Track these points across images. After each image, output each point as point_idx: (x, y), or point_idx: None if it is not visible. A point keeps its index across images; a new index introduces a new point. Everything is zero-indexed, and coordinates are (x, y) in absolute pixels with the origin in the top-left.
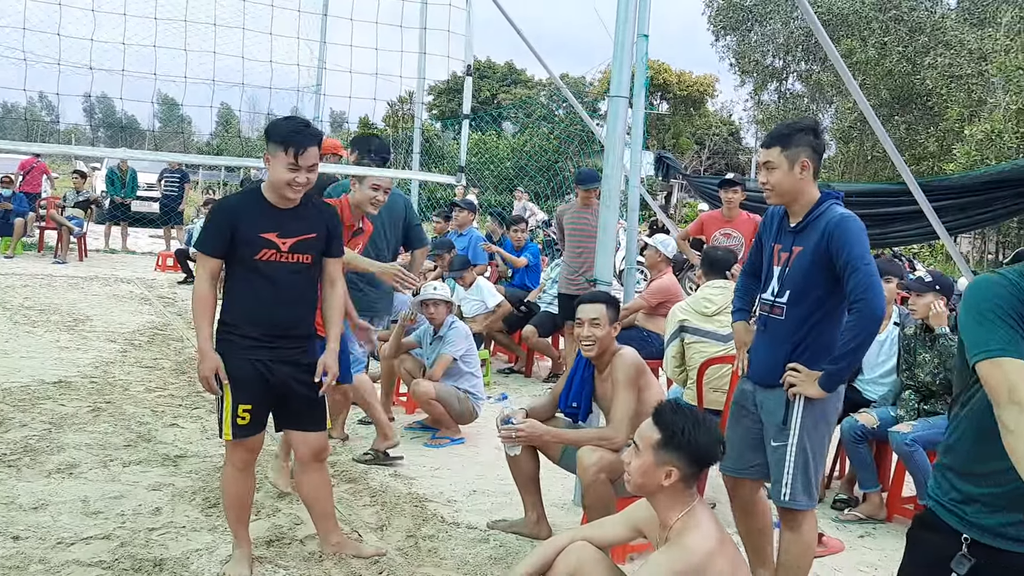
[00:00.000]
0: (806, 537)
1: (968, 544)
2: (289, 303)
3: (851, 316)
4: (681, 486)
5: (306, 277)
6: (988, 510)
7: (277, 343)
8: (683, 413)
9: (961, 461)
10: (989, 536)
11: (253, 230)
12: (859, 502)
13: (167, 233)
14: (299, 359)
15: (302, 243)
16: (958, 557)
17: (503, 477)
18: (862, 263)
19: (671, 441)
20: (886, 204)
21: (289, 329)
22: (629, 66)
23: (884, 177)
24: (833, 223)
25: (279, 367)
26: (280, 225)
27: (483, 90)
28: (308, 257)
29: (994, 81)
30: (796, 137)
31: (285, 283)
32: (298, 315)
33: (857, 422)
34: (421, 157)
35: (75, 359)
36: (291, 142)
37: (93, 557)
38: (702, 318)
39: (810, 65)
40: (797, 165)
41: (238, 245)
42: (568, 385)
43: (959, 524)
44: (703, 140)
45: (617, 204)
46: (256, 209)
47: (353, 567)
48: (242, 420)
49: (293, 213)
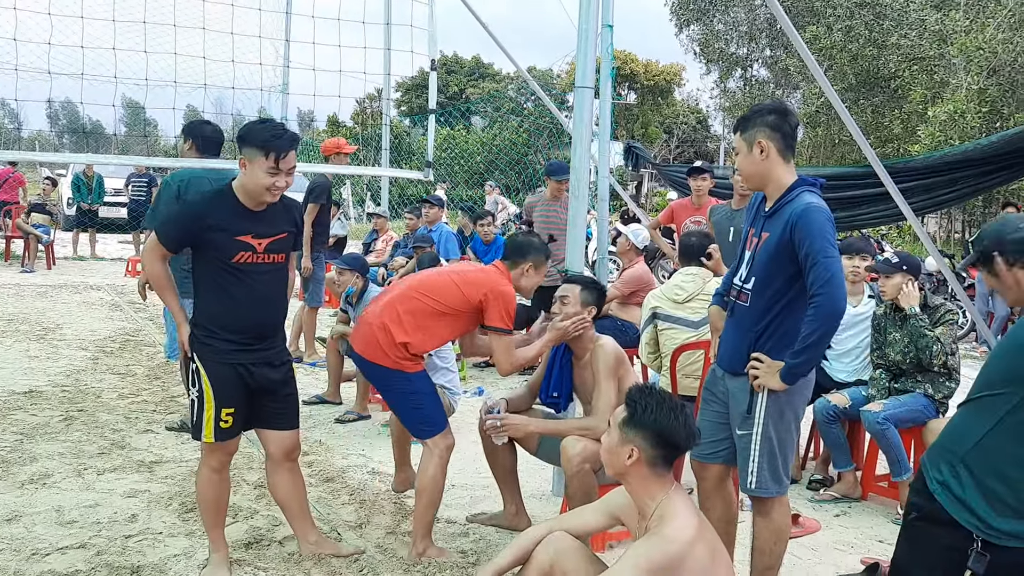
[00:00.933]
0: (777, 523)
1: (980, 542)
2: (266, 303)
3: (810, 310)
4: (647, 470)
5: (278, 277)
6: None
7: (256, 345)
8: (652, 394)
9: (994, 463)
10: (1006, 537)
11: (227, 234)
12: (834, 482)
13: (136, 238)
14: (274, 359)
15: (276, 243)
16: (975, 555)
17: (481, 470)
18: (822, 256)
19: (633, 419)
20: (853, 187)
21: (266, 329)
22: (594, 57)
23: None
24: (796, 213)
25: (259, 369)
26: (254, 226)
27: (451, 85)
28: (281, 256)
29: (955, 62)
30: (753, 119)
31: (261, 284)
32: (274, 314)
33: (829, 402)
34: (391, 154)
35: (45, 368)
36: (272, 147)
37: (70, 567)
38: (674, 305)
39: (775, 52)
40: (755, 147)
41: (209, 248)
42: (547, 375)
43: (973, 523)
44: (671, 129)
45: (587, 195)
46: (229, 211)
47: (333, 566)
48: (225, 424)
49: (265, 213)
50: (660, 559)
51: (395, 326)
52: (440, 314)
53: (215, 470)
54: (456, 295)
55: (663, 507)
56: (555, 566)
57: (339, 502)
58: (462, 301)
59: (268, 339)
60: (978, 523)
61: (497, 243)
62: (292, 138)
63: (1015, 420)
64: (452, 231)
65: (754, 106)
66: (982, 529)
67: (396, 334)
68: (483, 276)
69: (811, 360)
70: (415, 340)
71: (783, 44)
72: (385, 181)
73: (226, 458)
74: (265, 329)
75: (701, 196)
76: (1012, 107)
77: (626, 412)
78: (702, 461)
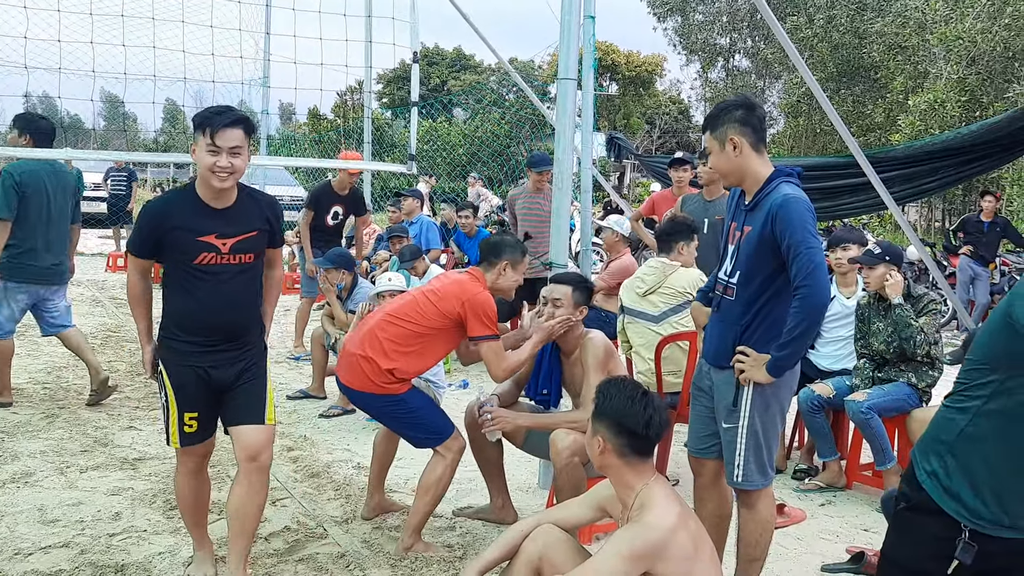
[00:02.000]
0: (763, 514)
1: (968, 531)
2: (233, 306)
3: (794, 302)
4: (618, 460)
5: (249, 277)
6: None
7: (220, 347)
8: (616, 384)
9: (979, 451)
10: (993, 527)
11: (189, 234)
12: (819, 471)
13: (116, 233)
14: (240, 360)
15: (243, 243)
16: (963, 545)
17: (467, 464)
18: (804, 247)
19: (598, 408)
20: (835, 177)
21: (233, 333)
22: (577, 48)
23: (832, 150)
24: (776, 204)
25: (220, 372)
26: (218, 225)
27: (432, 77)
28: (250, 256)
29: (935, 51)
30: (721, 117)
31: (227, 286)
32: (242, 317)
33: (813, 392)
34: (372, 147)
35: (26, 365)
36: (207, 123)
37: (53, 566)
38: (635, 298)
39: (756, 42)
40: (727, 144)
41: (172, 250)
42: (536, 372)
43: (961, 513)
44: (653, 120)
45: (570, 186)
46: (190, 210)
47: (320, 562)
48: (189, 428)
49: (231, 211)
50: (641, 546)
51: (379, 355)
52: (421, 335)
53: (191, 472)
54: (433, 312)
55: (643, 496)
56: (543, 559)
57: (324, 497)
58: (440, 317)
59: (233, 341)
60: (966, 512)
61: (480, 235)
62: (234, 117)
63: (996, 406)
64: (433, 221)
65: (719, 104)
66: (970, 519)
67: (381, 363)
68: (456, 288)
69: (797, 352)
70: (401, 365)
71: (764, 35)
72: (367, 174)
73: (200, 460)
74: (231, 331)
75: (682, 187)
76: (991, 96)
77: (594, 404)
78: (697, 456)
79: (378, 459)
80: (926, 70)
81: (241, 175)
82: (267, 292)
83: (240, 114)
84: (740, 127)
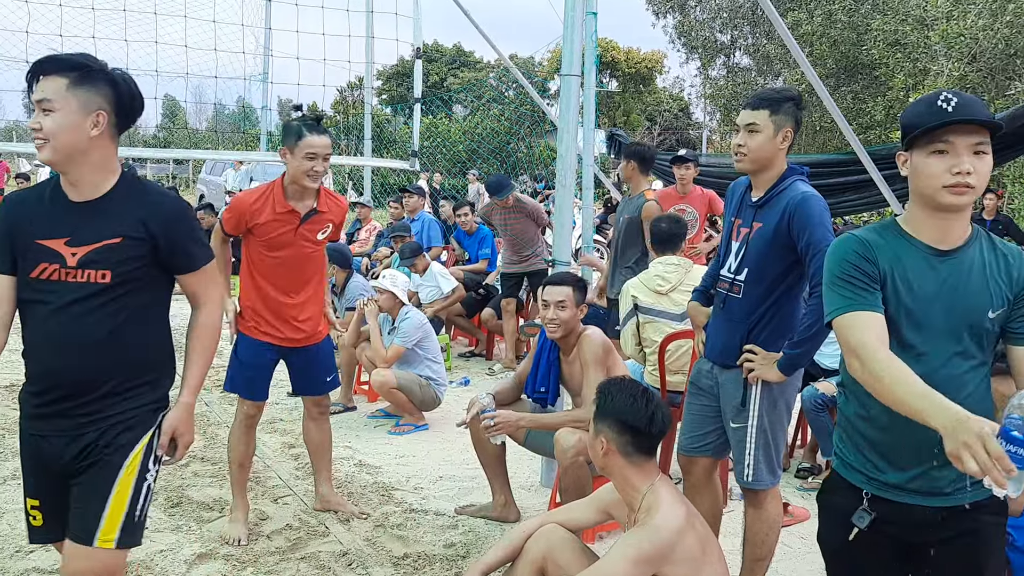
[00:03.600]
0: (770, 514)
1: (868, 499)
2: (71, 347)
3: (812, 300)
4: (622, 460)
5: (107, 307)
6: (887, 463)
7: (53, 408)
8: (617, 383)
9: (849, 413)
10: (891, 491)
11: (30, 235)
12: (822, 470)
13: None
14: (84, 434)
15: (96, 253)
16: (859, 512)
17: (469, 462)
18: (825, 245)
19: (599, 409)
20: (836, 174)
21: (74, 389)
22: (580, 45)
23: (833, 147)
24: (795, 202)
25: (50, 446)
26: (73, 226)
27: (432, 73)
28: (105, 275)
29: (936, 48)
30: (785, 105)
31: (66, 315)
32: (89, 366)
33: (817, 391)
34: (372, 143)
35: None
36: (28, 81)
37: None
38: (655, 296)
39: (757, 38)
40: (781, 133)
41: (18, 258)
42: (534, 370)
43: (859, 479)
44: (654, 116)
45: (572, 183)
46: (42, 204)
47: (321, 560)
48: (34, 520)
49: (95, 207)
50: (648, 549)
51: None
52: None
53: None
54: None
55: (649, 498)
56: (548, 559)
57: None
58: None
59: (74, 401)
60: (862, 478)
61: (480, 232)
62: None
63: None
64: (435, 219)
65: (778, 88)
66: (865, 483)
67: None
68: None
69: (811, 351)
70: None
71: (765, 31)
72: (368, 170)
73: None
74: (71, 387)
75: (686, 184)
76: (992, 93)
77: (595, 405)
78: (689, 455)
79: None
80: (926, 67)
81: (63, 144)
82: (191, 348)
83: (56, 59)
84: (795, 124)
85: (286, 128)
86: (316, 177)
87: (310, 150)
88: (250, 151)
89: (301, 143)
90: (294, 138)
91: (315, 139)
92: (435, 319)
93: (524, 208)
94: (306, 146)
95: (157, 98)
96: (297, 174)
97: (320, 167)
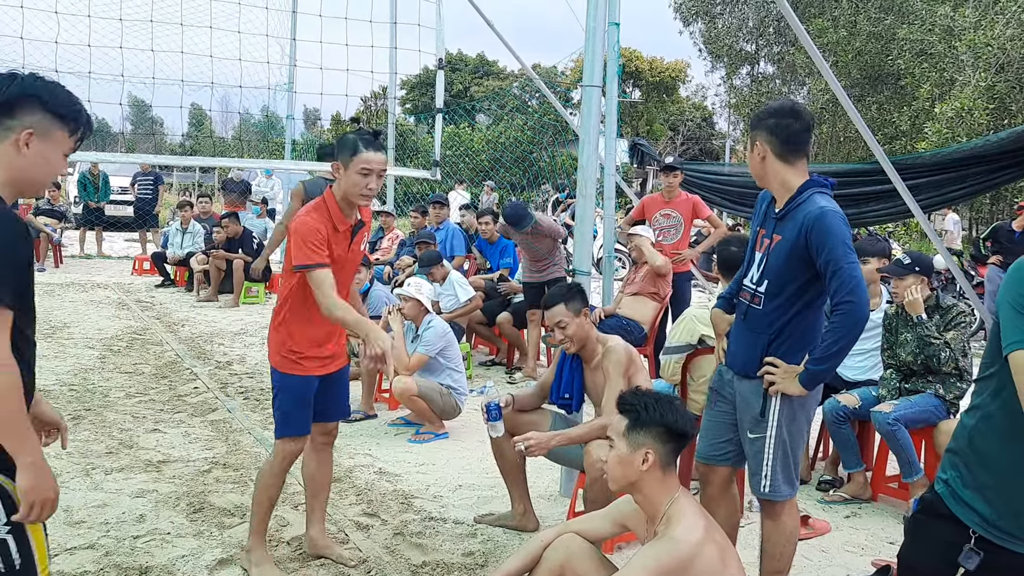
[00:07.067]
0: (788, 525)
1: (976, 538)
2: None
3: (835, 317)
4: (659, 473)
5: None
6: (1004, 508)
7: None
8: (644, 394)
9: (993, 456)
10: (999, 535)
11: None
12: (844, 483)
13: (143, 236)
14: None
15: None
16: (967, 551)
17: (488, 471)
18: (845, 262)
19: (638, 421)
20: (860, 184)
21: None
22: (601, 55)
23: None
24: (811, 218)
25: None
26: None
27: (455, 83)
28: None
29: (963, 58)
30: (756, 120)
31: None
32: None
33: (839, 403)
34: (395, 152)
35: (53, 367)
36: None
37: (78, 568)
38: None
39: (782, 48)
40: (756, 150)
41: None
42: (558, 377)
43: (972, 519)
44: (676, 126)
45: (593, 193)
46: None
47: (341, 568)
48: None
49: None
50: (668, 561)
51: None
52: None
53: None
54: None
55: (671, 511)
56: (566, 568)
57: (346, 502)
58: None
59: None
60: (977, 519)
61: (502, 242)
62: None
63: (999, 403)
64: (459, 228)
65: (766, 105)
66: (980, 524)
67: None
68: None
69: (833, 367)
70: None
71: (789, 40)
72: (390, 180)
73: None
74: None
75: (671, 190)
76: (1020, 103)
77: (627, 419)
78: (709, 464)
79: (307, 485)
80: (952, 77)
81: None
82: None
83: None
84: (767, 135)
85: (341, 141)
86: (370, 196)
87: (365, 166)
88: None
89: (356, 158)
90: (349, 152)
91: (371, 155)
92: (455, 325)
93: (541, 230)
94: (361, 162)
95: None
96: (351, 190)
97: (375, 184)
